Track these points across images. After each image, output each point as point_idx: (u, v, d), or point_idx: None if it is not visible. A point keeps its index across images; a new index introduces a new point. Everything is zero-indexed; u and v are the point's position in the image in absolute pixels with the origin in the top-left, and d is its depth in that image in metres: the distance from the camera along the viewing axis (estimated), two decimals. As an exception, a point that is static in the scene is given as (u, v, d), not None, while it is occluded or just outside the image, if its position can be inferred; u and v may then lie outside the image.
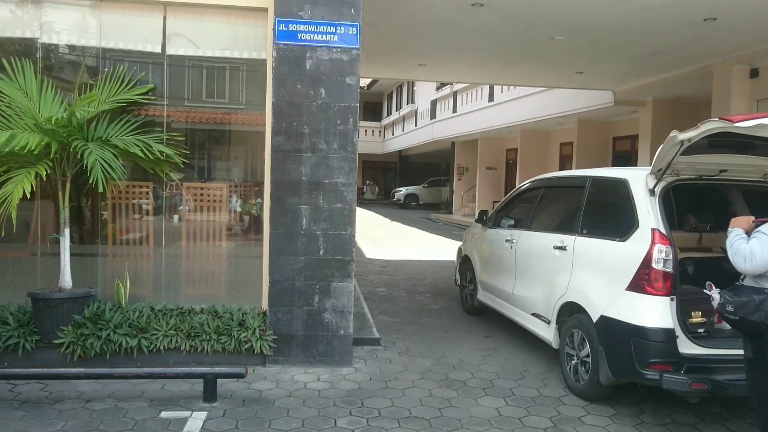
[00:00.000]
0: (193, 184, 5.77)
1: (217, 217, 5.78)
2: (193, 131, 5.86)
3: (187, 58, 5.72)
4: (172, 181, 5.61)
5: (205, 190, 5.80)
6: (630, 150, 17.08)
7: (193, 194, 5.73)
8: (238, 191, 5.91)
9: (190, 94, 5.86)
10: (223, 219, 5.80)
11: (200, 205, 5.77)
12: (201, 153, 6.06)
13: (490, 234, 6.89)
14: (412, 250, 14.45)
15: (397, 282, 9.92)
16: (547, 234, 5.47)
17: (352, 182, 5.29)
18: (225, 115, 5.98)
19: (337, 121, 5.25)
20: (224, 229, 5.79)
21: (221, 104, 6.01)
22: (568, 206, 5.50)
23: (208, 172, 6.09)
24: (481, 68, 11.90)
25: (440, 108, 26.53)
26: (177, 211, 5.79)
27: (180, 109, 5.80)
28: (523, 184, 6.58)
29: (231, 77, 5.98)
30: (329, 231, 5.28)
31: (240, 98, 6.09)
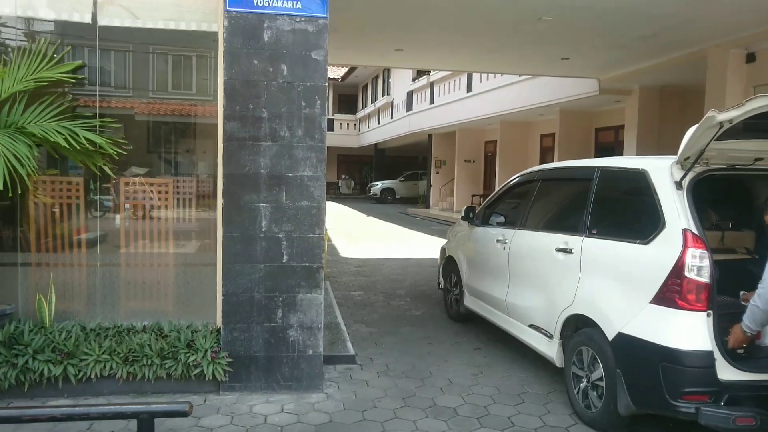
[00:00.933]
0: (133, 180, 4.90)
1: (164, 218, 4.93)
2: (133, 118, 4.99)
3: (123, 31, 4.85)
4: (118, 177, 4.74)
5: (149, 186, 4.94)
6: (613, 141, 16.54)
7: (133, 191, 4.86)
8: (188, 187, 5.05)
9: (129, 75, 5.00)
10: (171, 219, 4.95)
11: (143, 203, 4.91)
12: (145, 144, 5.20)
13: (478, 233, 6.15)
14: (389, 248, 13.69)
15: (374, 284, 9.15)
16: (548, 234, 4.74)
17: (321, 176, 4.49)
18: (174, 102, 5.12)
19: (301, 103, 4.44)
20: (171, 231, 4.94)
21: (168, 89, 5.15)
22: (571, 202, 4.78)
23: (156, 166, 5.23)
24: (462, 54, 11.15)
25: (417, 99, 25.78)
26: (116, 210, 4.92)
27: (116, 92, 4.94)
28: (515, 177, 5.85)
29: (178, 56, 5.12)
30: (294, 234, 4.47)
31: (190, 80, 5.23)
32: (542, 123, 19.54)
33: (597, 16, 8.32)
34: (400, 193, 33.27)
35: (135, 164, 5.02)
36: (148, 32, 4.90)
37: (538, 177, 5.27)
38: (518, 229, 5.25)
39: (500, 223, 5.80)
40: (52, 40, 4.61)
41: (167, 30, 4.87)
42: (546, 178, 5.20)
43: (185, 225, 5.10)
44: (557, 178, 5.14)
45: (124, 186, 4.83)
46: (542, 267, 4.71)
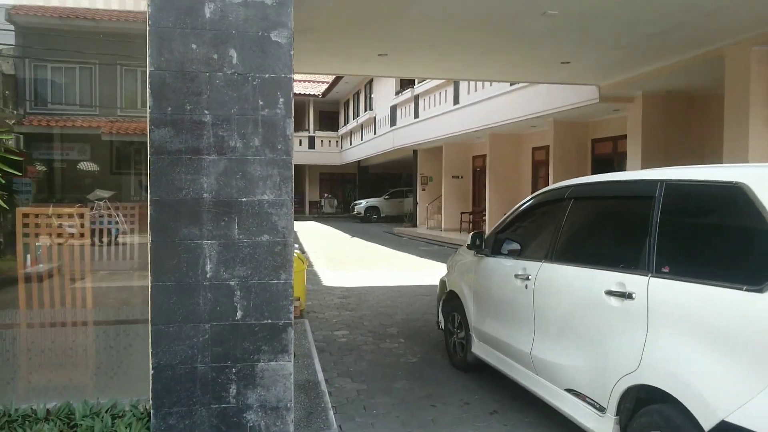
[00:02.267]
0: (35, 210, 3.67)
1: (79, 258, 3.70)
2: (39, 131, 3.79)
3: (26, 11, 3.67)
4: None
5: (59, 217, 3.72)
6: (611, 153, 15.57)
7: (34, 223, 3.63)
8: (111, 217, 3.84)
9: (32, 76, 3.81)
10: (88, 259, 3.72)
11: (51, 239, 3.68)
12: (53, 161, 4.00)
13: (490, 265, 4.99)
14: (376, 273, 12.47)
15: (361, 320, 7.93)
16: (591, 270, 3.57)
17: (286, 200, 3.30)
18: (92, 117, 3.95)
19: (258, 102, 3.26)
20: (89, 276, 3.71)
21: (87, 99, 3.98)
22: (622, 228, 3.63)
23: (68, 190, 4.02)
24: (453, 58, 10.07)
25: (401, 114, 24.75)
26: (11, 248, 3.69)
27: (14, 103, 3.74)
28: (536, 195, 4.70)
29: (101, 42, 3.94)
30: (251, 280, 3.26)
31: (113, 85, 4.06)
32: (534, 135, 18.55)
33: (605, 10, 7.30)
34: (385, 211, 32.15)
35: (44, 187, 3.80)
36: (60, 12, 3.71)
37: (569, 194, 4.12)
38: (545, 262, 4.09)
39: (517, 252, 4.64)
40: None
41: (83, 9, 3.68)
42: (581, 195, 4.05)
43: (112, 266, 3.87)
44: (597, 196, 3.98)
45: (24, 218, 3.60)
46: (585, 315, 3.55)
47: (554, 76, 11.54)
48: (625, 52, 9.68)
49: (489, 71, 11.34)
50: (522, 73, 11.42)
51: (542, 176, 18.54)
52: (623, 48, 9.45)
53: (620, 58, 10.08)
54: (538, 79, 12.28)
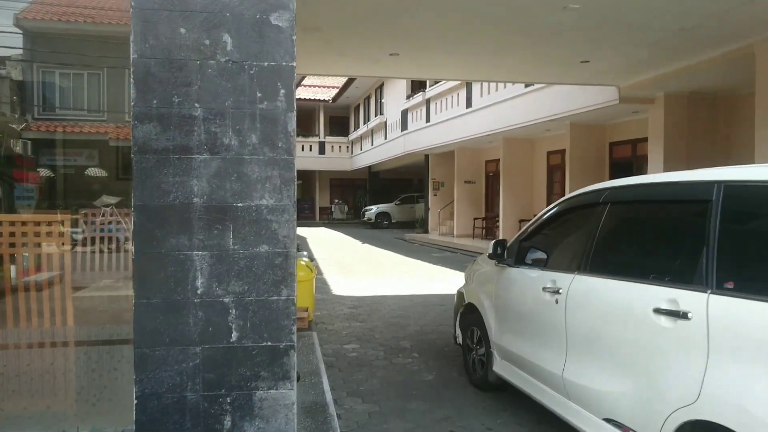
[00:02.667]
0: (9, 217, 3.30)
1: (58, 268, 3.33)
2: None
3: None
4: None
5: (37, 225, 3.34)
6: (630, 156, 15.09)
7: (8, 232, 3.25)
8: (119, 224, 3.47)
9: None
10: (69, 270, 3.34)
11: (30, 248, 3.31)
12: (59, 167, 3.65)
13: (513, 276, 4.56)
14: (388, 281, 12.06)
15: (372, 332, 7.51)
16: (635, 284, 3.14)
17: (289, 205, 2.90)
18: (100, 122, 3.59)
19: (256, 94, 2.87)
20: (68, 291, 3.33)
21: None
22: (671, 236, 3.20)
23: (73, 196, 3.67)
24: (467, 57, 9.67)
25: (412, 118, 24.37)
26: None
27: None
28: (566, 199, 4.27)
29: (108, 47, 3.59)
30: (248, 296, 2.87)
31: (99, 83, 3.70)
32: (549, 139, 18.09)
33: (630, 2, 6.88)
34: (396, 217, 31.74)
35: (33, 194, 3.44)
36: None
37: (605, 198, 3.68)
38: (578, 274, 3.66)
39: (544, 262, 4.21)
40: None
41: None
42: (619, 199, 3.62)
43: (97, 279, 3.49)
44: (639, 200, 3.54)
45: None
46: (629, 335, 3.11)
47: (572, 77, 11.11)
48: (648, 50, 9.24)
49: (505, 71, 10.93)
50: (539, 73, 10.99)
51: (557, 181, 18.06)
52: (646, 46, 9.02)
53: (642, 56, 9.64)
54: (556, 79, 11.84)
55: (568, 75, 10.99)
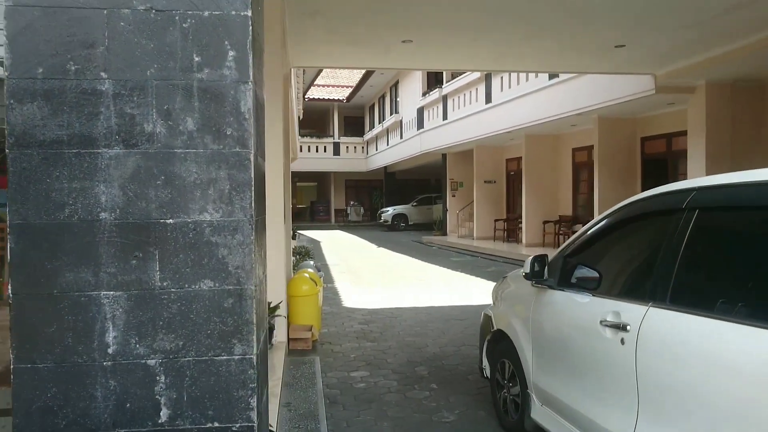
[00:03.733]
0: None
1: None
2: None
3: None
4: None
5: None
6: (664, 152, 13.98)
7: None
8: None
9: None
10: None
11: None
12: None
13: (556, 301, 3.59)
14: (403, 291, 11.11)
15: (384, 354, 6.57)
16: (753, 328, 2.16)
17: (244, 221, 1.97)
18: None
19: (192, 58, 1.95)
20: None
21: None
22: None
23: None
24: (489, 44, 8.70)
25: (428, 116, 23.39)
26: None
27: None
28: (631, 203, 3.27)
29: None
30: (183, 356, 1.94)
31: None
32: (575, 135, 17.02)
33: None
34: (413, 219, 30.78)
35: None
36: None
37: (690, 203, 2.70)
38: (655, 306, 2.68)
39: (596, 283, 3.24)
40: None
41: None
42: (713, 204, 2.63)
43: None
44: (742, 205, 2.55)
45: None
46: (756, 402, 2.14)
47: (605, 64, 10.07)
48: (689, 32, 8.21)
49: (531, 61, 9.92)
50: (568, 61, 9.96)
51: (584, 179, 16.99)
52: (688, 28, 7.99)
53: (683, 40, 8.61)
54: (587, 68, 10.80)
55: (601, 63, 9.96)
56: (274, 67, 5.89)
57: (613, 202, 12.02)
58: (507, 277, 4.69)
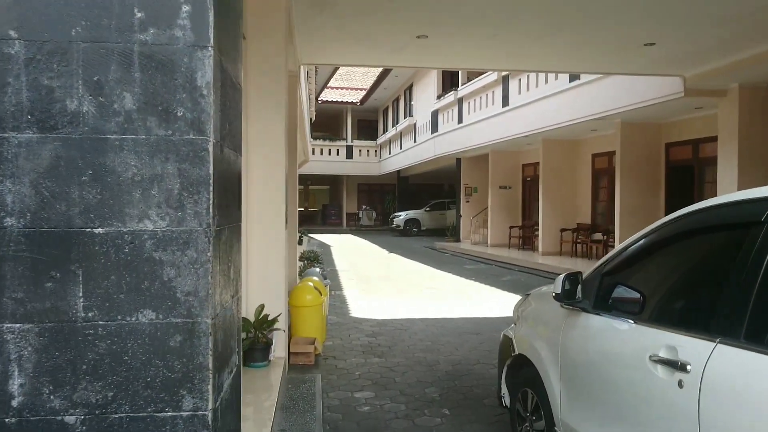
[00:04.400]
0: None
1: None
2: None
3: None
4: None
5: None
6: (690, 159, 13.35)
7: None
8: None
9: None
10: None
11: None
12: None
13: (592, 326, 3.07)
14: (414, 300, 10.59)
15: (392, 372, 6.06)
16: None
17: (199, 231, 1.48)
18: None
19: (133, 13, 1.47)
20: None
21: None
22: None
23: None
24: (506, 41, 8.18)
25: (443, 119, 22.87)
26: None
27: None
28: (688, 213, 2.72)
29: None
30: (114, 411, 1.45)
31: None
32: (595, 140, 16.42)
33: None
34: (425, 224, 30.24)
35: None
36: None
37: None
38: (724, 344, 2.15)
39: (639, 306, 2.71)
40: None
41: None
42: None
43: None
44: None
45: None
46: None
47: (631, 64, 9.51)
48: (724, 30, 7.66)
49: (551, 59, 9.38)
50: (592, 61, 9.41)
51: (603, 186, 16.39)
52: (724, 23, 7.43)
53: (716, 39, 8.06)
54: (611, 68, 10.23)
55: (627, 63, 9.40)
56: (275, 59, 5.43)
57: (635, 211, 11.38)
58: (530, 295, 4.17)
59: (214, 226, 1.48)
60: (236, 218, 1.83)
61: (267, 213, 5.45)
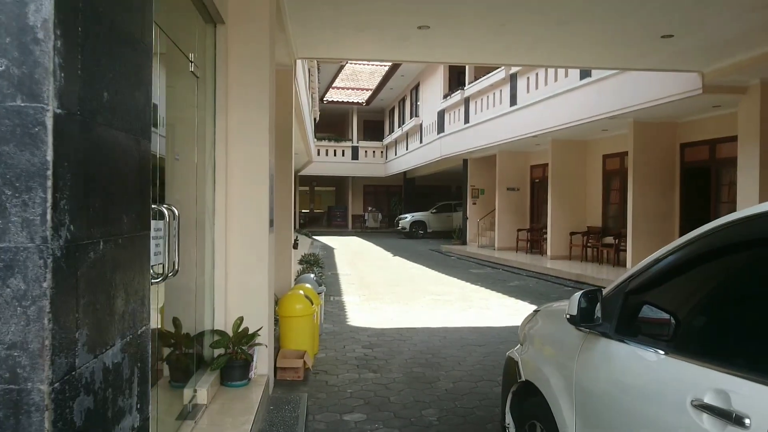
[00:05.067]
0: None
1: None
2: None
3: None
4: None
5: None
6: (707, 160, 12.74)
7: None
8: None
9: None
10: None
11: None
12: None
13: (617, 357, 2.53)
14: (416, 307, 10.06)
15: (387, 391, 5.54)
16: None
17: (32, 250, 0.97)
18: None
19: None
20: None
21: None
22: None
23: None
24: (515, 32, 7.65)
25: (449, 119, 22.33)
26: None
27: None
28: (736, 220, 2.18)
29: None
30: None
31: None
32: (606, 141, 15.83)
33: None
34: (432, 226, 29.70)
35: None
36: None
37: None
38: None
39: (670, 332, 2.19)
40: None
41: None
42: None
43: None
44: None
45: None
46: None
47: (647, 59, 8.94)
48: (746, 22, 7.10)
49: (562, 53, 8.82)
50: (606, 54, 8.85)
51: (615, 188, 15.80)
52: (746, 14, 6.88)
53: (738, 31, 7.51)
54: (626, 63, 9.66)
55: (643, 57, 8.84)
56: (258, 45, 4.92)
57: (648, 213, 10.65)
58: (538, 312, 3.63)
59: (62, 240, 0.96)
60: (135, 226, 1.31)
61: (248, 215, 4.94)
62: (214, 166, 4.83)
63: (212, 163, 4.81)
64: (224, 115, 4.85)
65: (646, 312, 2.47)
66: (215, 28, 4.84)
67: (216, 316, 4.88)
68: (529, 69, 15.57)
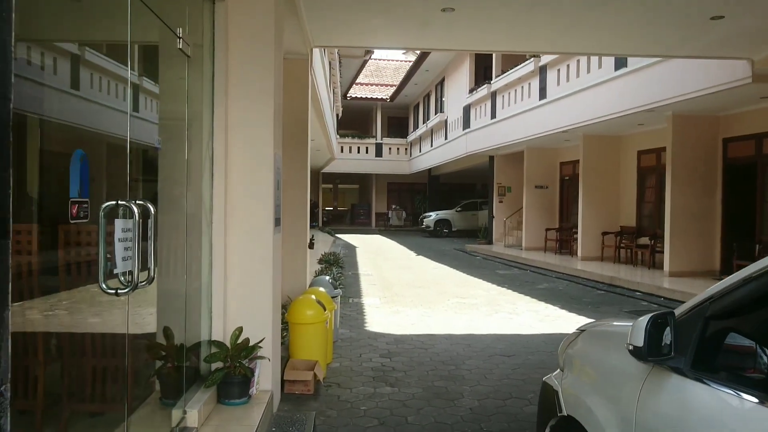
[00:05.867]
0: None
1: None
2: None
3: None
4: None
5: None
6: (753, 156, 11.88)
7: None
8: None
9: None
10: None
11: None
12: None
13: (695, 401, 1.94)
14: (439, 311, 9.47)
15: (405, 409, 4.98)
16: None
17: None
18: None
19: None
20: None
21: None
22: None
23: None
24: (545, 15, 7.00)
25: (475, 114, 21.64)
26: None
27: None
28: None
29: None
30: None
31: None
32: (641, 136, 15.03)
33: None
34: (456, 225, 29.05)
35: None
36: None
37: None
38: None
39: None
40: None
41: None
42: None
43: None
44: None
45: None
46: None
47: (692, 45, 8.21)
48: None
49: (598, 38, 8.12)
50: (647, 39, 8.14)
51: (650, 186, 14.99)
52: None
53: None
54: (668, 50, 8.92)
55: (687, 43, 8.12)
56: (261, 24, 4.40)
57: (687, 213, 9.77)
58: (583, 333, 3.03)
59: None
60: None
61: (250, 213, 4.43)
62: (212, 158, 4.32)
63: (209, 155, 4.30)
64: (223, 102, 4.35)
65: (733, 343, 1.88)
66: (213, 5, 4.34)
67: (213, 325, 4.38)
68: (559, 60, 14.84)
